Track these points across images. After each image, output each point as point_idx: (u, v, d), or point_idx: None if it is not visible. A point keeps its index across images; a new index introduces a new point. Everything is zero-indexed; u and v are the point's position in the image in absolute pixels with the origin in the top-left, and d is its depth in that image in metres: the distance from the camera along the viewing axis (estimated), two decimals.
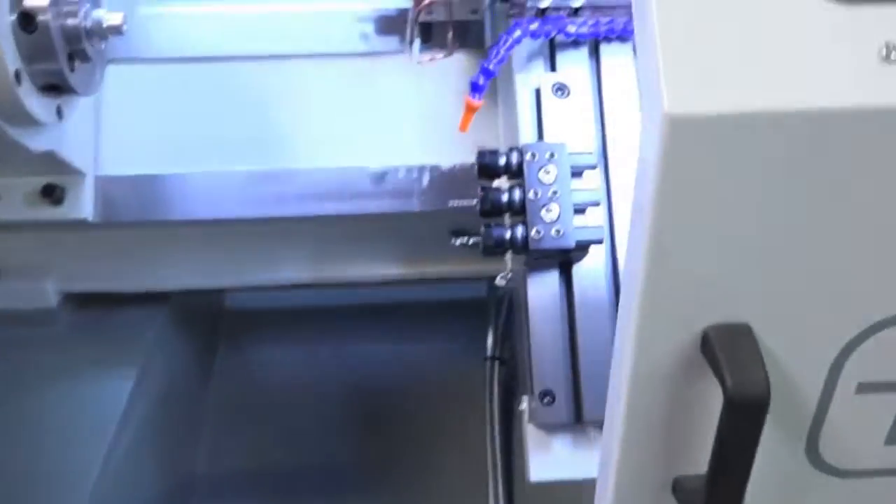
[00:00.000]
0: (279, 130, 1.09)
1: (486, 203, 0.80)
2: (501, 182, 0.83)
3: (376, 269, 1.20)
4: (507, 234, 0.80)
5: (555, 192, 0.80)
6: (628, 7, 0.94)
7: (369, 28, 1.11)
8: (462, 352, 1.36)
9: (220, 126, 1.09)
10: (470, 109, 0.82)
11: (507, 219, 0.83)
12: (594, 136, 0.88)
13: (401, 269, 1.19)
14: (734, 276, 0.51)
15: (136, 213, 1.07)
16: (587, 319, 0.85)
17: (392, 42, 1.11)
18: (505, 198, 0.80)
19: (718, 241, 0.49)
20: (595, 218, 0.83)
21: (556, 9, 0.93)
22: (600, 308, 0.85)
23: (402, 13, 1.11)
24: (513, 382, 1.33)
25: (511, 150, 0.82)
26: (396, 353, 1.44)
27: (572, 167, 0.81)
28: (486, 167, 0.81)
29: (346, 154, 1.08)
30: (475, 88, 0.82)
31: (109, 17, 0.86)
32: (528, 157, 0.80)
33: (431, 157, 1.08)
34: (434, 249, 1.15)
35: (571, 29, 0.88)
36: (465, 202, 0.84)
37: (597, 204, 0.82)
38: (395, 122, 1.10)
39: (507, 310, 1.36)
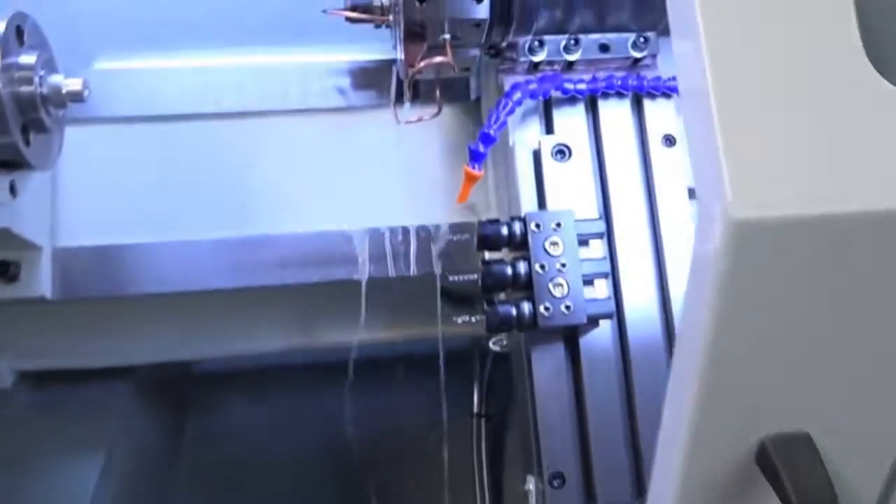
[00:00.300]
0: (251, 194, 1.02)
1: (490, 278, 0.74)
2: (504, 254, 0.77)
3: (358, 334, 1.13)
4: (514, 311, 0.74)
5: (563, 265, 0.74)
6: (624, 59, 0.90)
7: (346, 82, 1.05)
8: (440, 408, 1.30)
9: (187, 190, 1.01)
10: (470, 179, 0.76)
11: (510, 292, 0.77)
12: (596, 200, 0.83)
13: (385, 333, 1.13)
14: (796, 384, 0.47)
15: (98, 288, 0.98)
16: (596, 394, 0.79)
17: (370, 96, 1.05)
18: (509, 271, 0.74)
19: (781, 347, 0.45)
20: (604, 289, 0.77)
21: (550, 62, 0.88)
22: (609, 382, 0.80)
23: (380, 65, 1.06)
24: (499, 438, 1.29)
25: (513, 219, 0.76)
26: (375, 410, 1.36)
27: (579, 235, 0.76)
28: (488, 239, 0.75)
29: (324, 217, 1.02)
30: (475, 157, 0.76)
31: (68, 83, 0.78)
32: (532, 227, 0.75)
33: (416, 217, 1.02)
34: (421, 312, 1.09)
35: (570, 86, 0.83)
36: (465, 276, 0.77)
37: (606, 275, 0.77)
38: (377, 180, 1.04)
39: (491, 364, 1.31)
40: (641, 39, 0.88)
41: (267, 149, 1.03)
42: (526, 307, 0.73)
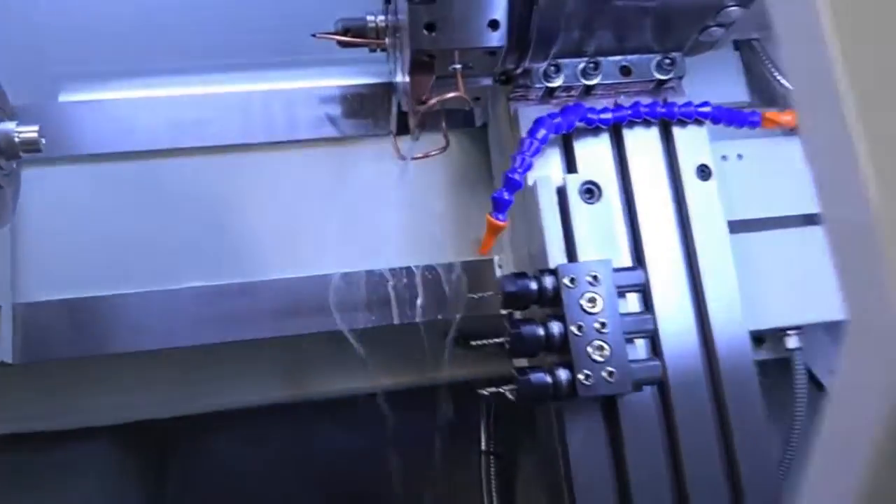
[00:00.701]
0: (237, 236, 0.92)
1: (519, 344, 0.65)
2: (533, 311, 0.68)
3: (357, 382, 1.04)
4: (549, 379, 0.65)
5: (602, 325, 0.65)
6: (647, 82, 0.81)
7: (337, 109, 0.95)
8: (447, 442, 1.21)
9: (164, 235, 0.91)
10: (494, 230, 0.67)
11: (542, 355, 0.68)
12: (628, 245, 0.74)
13: (385, 380, 1.03)
14: None
15: (67, 348, 0.88)
16: (639, 464, 0.71)
17: (364, 124, 0.96)
18: (541, 332, 0.65)
19: None
20: (647, 349, 0.69)
21: (567, 88, 0.79)
22: (653, 450, 0.71)
23: (374, 90, 0.96)
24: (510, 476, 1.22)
25: (543, 273, 0.67)
26: (375, 447, 1.26)
27: (617, 288, 0.67)
28: (515, 297, 0.66)
29: (318, 260, 0.92)
30: (500, 206, 0.67)
31: (22, 131, 0.68)
32: (566, 281, 0.65)
33: (420, 256, 0.93)
34: (428, 358, 1.00)
35: (594, 117, 0.74)
36: (491, 341, 0.67)
37: (650, 333, 0.68)
38: (375, 217, 0.94)
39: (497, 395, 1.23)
40: (667, 61, 0.80)
41: (252, 185, 0.93)
42: (563, 375, 0.64)
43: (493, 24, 0.64)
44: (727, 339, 0.73)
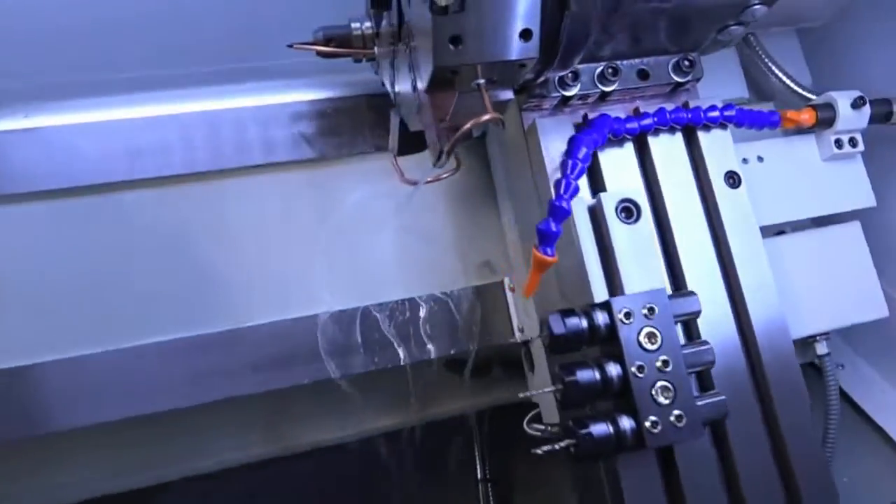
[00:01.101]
0: (208, 277, 0.82)
1: (576, 394, 0.58)
2: (585, 353, 0.61)
3: (348, 430, 0.95)
4: (611, 430, 0.57)
5: (665, 363, 0.58)
6: (664, 86, 0.75)
7: (316, 126, 0.85)
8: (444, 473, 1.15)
9: (121, 282, 0.80)
10: (541, 267, 0.59)
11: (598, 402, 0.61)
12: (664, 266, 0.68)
13: (375, 424, 0.95)
14: None
15: (13, 428, 0.76)
16: None
17: (346, 142, 0.86)
18: (597, 376, 0.58)
19: None
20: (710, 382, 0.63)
21: (584, 96, 0.72)
22: (713, 493, 0.65)
23: (353, 102, 0.87)
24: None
25: (593, 308, 0.60)
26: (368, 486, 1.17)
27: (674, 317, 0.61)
28: (565, 339, 0.58)
29: (303, 299, 0.82)
30: (549, 238, 0.59)
31: None
32: (621, 317, 0.58)
33: (420, 286, 0.85)
34: (426, 395, 0.92)
35: (621, 127, 0.67)
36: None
37: (711, 364, 0.62)
38: (367, 244, 0.85)
39: (489, 422, 1.17)
40: (686, 62, 0.73)
41: (225, 217, 0.83)
42: (626, 423, 0.58)
43: (525, 34, 0.56)
44: (775, 358, 0.68)
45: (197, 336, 0.79)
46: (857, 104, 0.77)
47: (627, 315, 0.59)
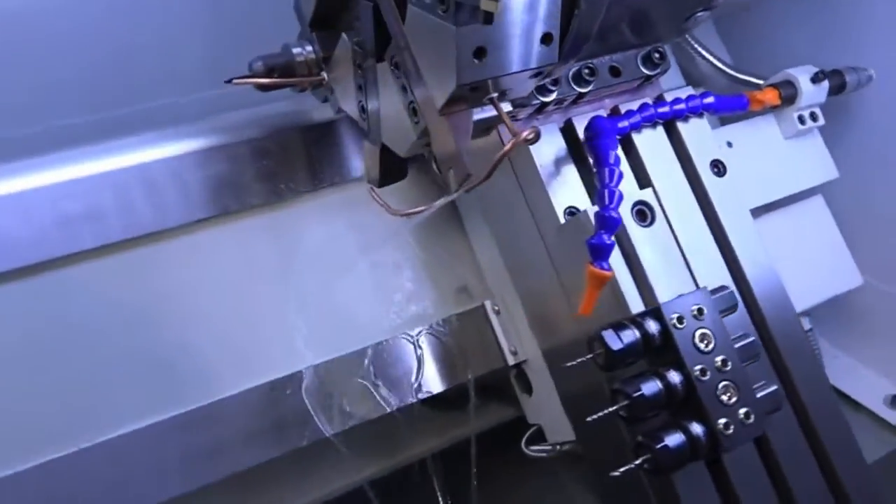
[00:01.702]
0: (167, 352, 0.72)
1: (643, 408, 0.55)
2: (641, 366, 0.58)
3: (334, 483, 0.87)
4: (685, 440, 0.55)
5: (724, 362, 0.57)
6: (634, 81, 0.74)
7: (263, 165, 0.78)
8: None
9: (76, 371, 0.69)
10: (599, 283, 0.55)
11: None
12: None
13: (367, 472, 0.88)
14: None
15: None
16: None
17: (291, 181, 0.79)
18: (660, 387, 0.55)
19: None
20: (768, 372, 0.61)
21: (560, 101, 0.70)
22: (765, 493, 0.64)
23: (291, 134, 0.80)
24: None
25: (644, 317, 0.57)
26: None
27: None
28: (623, 355, 0.55)
29: (281, 357, 0.75)
30: (603, 252, 0.55)
31: None
32: (674, 322, 0.56)
33: (401, 322, 0.79)
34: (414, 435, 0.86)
35: (623, 124, 0.66)
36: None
37: (758, 355, 0.61)
38: (336, 287, 0.79)
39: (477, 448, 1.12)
40: (656, 55, 0.73)
41: (178, 281, 0.74)
42: (697, 429, 0.55)
43: (547, 38, 0.52)
44: (787, 338, 0.68)
45: (162, 421, 0.70)
46: (817, 78, 0.79)
47: (680, 319, 0.56)
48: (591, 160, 0.64)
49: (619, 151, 0.68)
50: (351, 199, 0.79)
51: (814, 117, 0.82)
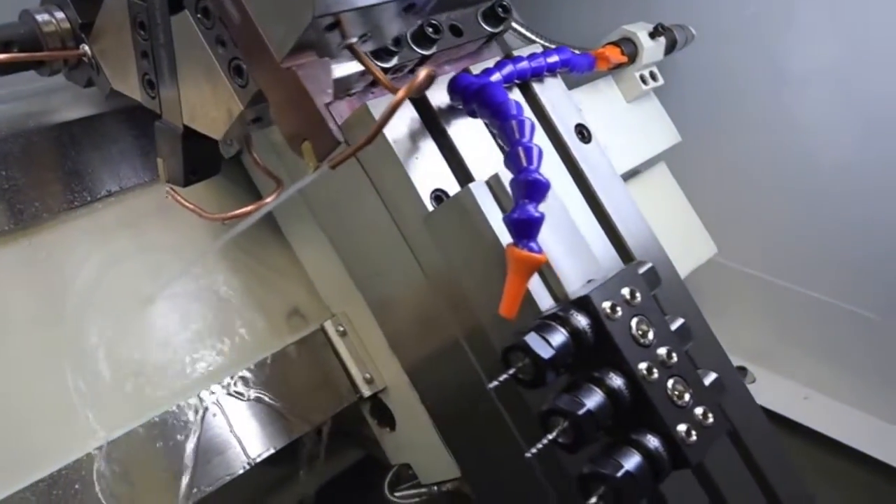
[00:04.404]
0: None
1: (585, 429, 0.43)
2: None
3: None
4: (642, 461, 0.44)
5: (669, 354, 0.46)
6: (478, 40, 0.62)
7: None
8: None
9: None
10: (527, 270, 0.42)
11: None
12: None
13: None
14: None
15: None
16: None
17: (48, 196, 0.59)
18: (602, 399, 0.44)
19: None
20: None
21: (399, 68, 0.56)
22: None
23: (49, 133, 0.59)
24: None
25: (568, 311, 0.45)
26: None
27: None
28: (553, 364, 0.43)
29: (58, 441, 0.54)
30: (531, 228, 0.42)
31: None
32: (606, 311, 0.45)
33: (219, 365, 0.61)
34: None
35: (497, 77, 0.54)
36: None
37: (691, 337, 0.51)
38: (126, 331, 0.59)
39: None
40: (500, 8, 0.61)
41: None
42: (653, 443, 0.44)
43: None
44: (676, 305, 0.60)
45: None
46: (655, 33, 0.72)
47: (613, 308, 0.45)
48: (484, 120, 0.51)
49: None
50: (134, 212, 0.60)
51: (653, 76, 0.75)
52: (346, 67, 0.49)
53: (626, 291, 0.46)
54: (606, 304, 0.45)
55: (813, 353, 0.95)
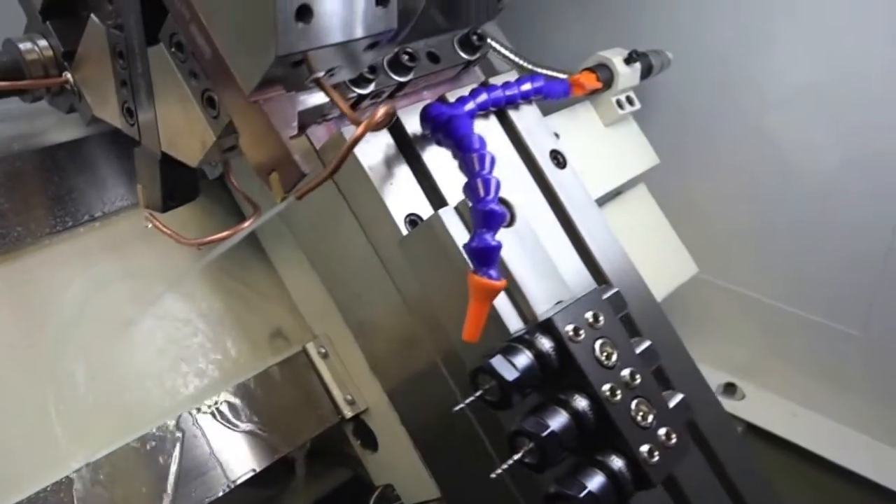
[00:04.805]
0: None
1: (551, 450, 0.44)
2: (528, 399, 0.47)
3: None
4: (606, 481, 0.45)
5: (633, 375, 0.47)
6: (455, 67, 0.63)
7: None
8: None
9: None
10: (487, 297, 0.43)
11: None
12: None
13: None
14: None
15: None
16: None
17: (29, 221, 0.60)
18: (568, 421, 0.45)
19: None
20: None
21: (377, 94, 0.58)
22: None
23: (28, 158, 0.61)
24: None
25: (534, 334, 0.46)
26: None
27: None
28: (518, 386, 0.44)
29: (36, 464, 0.55)
30: (489, 257, 0.43)
31: None
32: (569, 334, 0.46)
33: (201, 388, 0.62)
34: None
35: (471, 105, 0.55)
36: None
37: (658, 359, 0.52)
38: (111, 355, 0.60)
39: None
40: (475, 37, 0.63)
41: None
42: (618, 464, 0.45)
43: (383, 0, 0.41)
44: (659, 339, 0.61)
45: None
46: (630, 59, 0.74)
47: (577, 331, 0.46)
48: (450, 150, 0.53)
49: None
50: (117, 236, 0.62)
51: (630, 101, 0.77)
52: (321, 95, 0.50)
53: (589, 315, 0.47)
54: (569, 328, 0.46)
55: (801, 370, 0.96)
